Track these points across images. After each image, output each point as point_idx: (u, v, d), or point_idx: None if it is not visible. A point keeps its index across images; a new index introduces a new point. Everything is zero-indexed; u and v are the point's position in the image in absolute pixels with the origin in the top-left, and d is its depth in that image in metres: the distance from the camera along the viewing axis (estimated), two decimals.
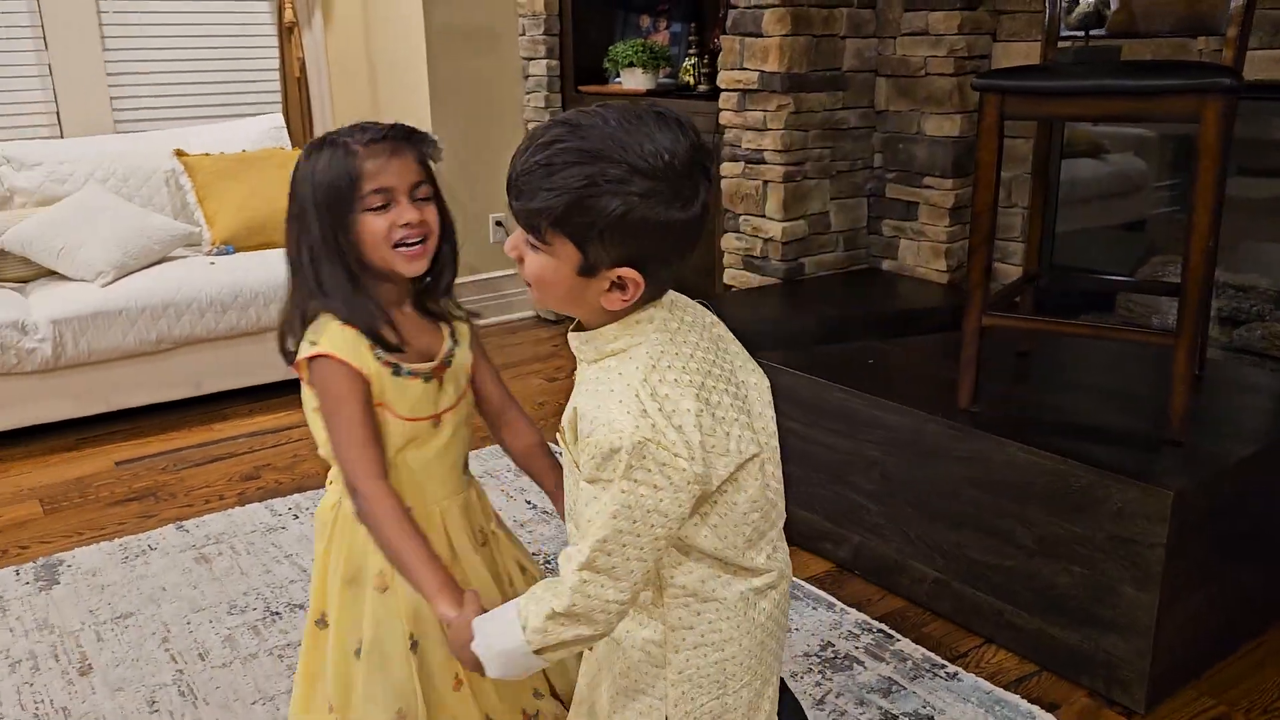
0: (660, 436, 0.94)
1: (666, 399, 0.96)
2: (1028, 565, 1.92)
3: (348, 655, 1.33)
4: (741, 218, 3.16)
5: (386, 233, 1.23)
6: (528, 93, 4.10)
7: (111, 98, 3.87)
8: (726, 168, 3.11)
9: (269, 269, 3.31)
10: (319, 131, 4.27)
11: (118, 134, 3.83)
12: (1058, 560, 1.87)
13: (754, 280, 3.14)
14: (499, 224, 4.20)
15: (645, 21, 3.98)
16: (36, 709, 1.87)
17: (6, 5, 3.64)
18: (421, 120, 3.95)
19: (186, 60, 4.01)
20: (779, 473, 1.09)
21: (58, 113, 3.80)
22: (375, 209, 1.23)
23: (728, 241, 3.23)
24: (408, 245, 1.25)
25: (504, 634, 1.05)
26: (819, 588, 2.21)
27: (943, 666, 1.94)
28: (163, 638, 2.08)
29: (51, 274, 3.29)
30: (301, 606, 2.18)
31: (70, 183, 3.46)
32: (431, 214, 1.28)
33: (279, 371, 3.40)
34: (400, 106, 4.07)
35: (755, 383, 1.09)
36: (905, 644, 2.01)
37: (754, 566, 1.06)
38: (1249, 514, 1.90)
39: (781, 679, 1.23)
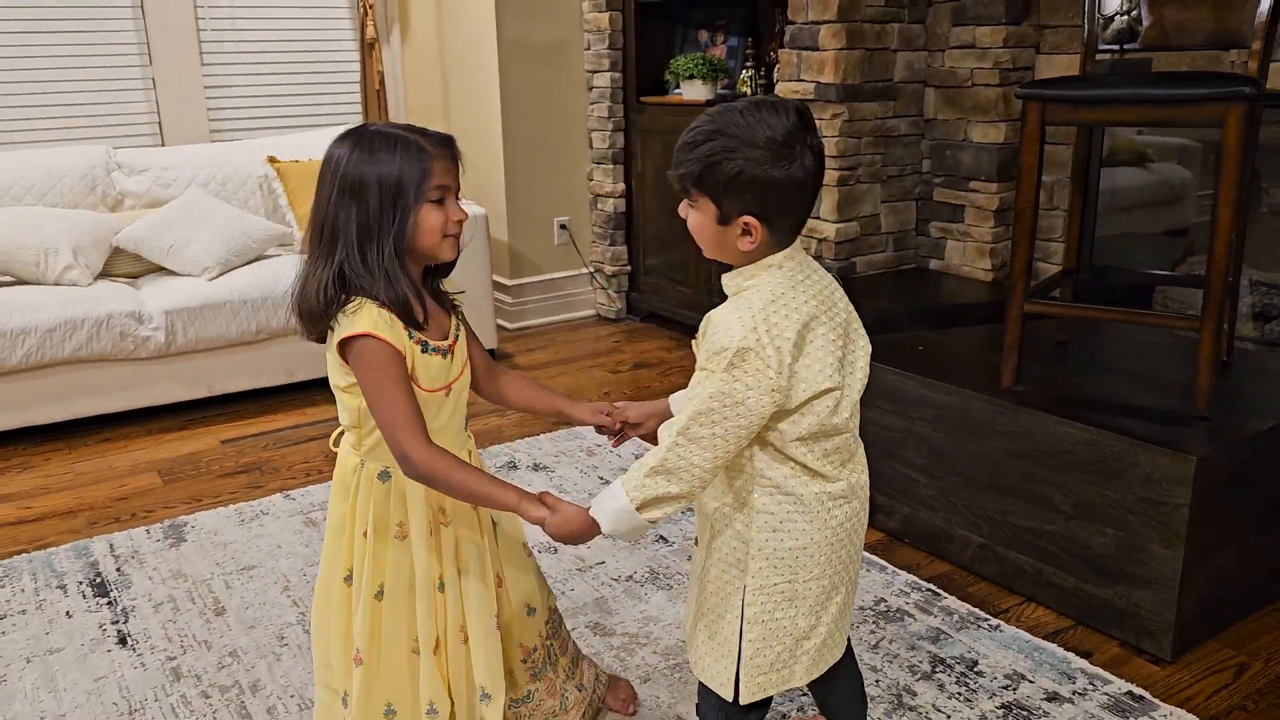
0: (760, 349, 1.22)
1: (773, 325, 1.23)
2: (1066, 529, 2.12)
3: (371, 600, 1.47)
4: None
5: (442, 224, 1.38)
6: (591, 103, 4.35)
7: (208, 109, 4.17)
8: None
9: None
10: None
11: (213, 142, 4.13)
12: (1093, 523, 2.06)
13: None
14: (563, 227, 4.45)
15: (703, 36, 4.21)
16: (182, 641, 2.13)
17: (115, 25, 3.96)
18: (493, 128, 4.21)
19: (276, 74, 4.31)
20: (856, 410, 1.34)
21: (159, 122, 4.11)
22: (435, 202, 1.37)
23: None
24: (453, 236, 1.41)
25: (613, 496, 1.30)
26: (871, 553, 2.42)
27: (986, 620, 2.14)
28: (283, 586, 2.33)
29: (160, 270, 3.59)
30: None
31: (174, 187, 3.76)
32: (465, 213, 1.45)
33: None
34: (472, 116, 4.34)
35: (861, 344, 1.35)
36: (952, 601, 2.21)
37: (829, 474, 1.30)
38: (1271, 483, 2.08)
39: (851, 653, 1.48)
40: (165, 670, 2.03)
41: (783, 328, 1.24)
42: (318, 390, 3.65)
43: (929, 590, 2.26)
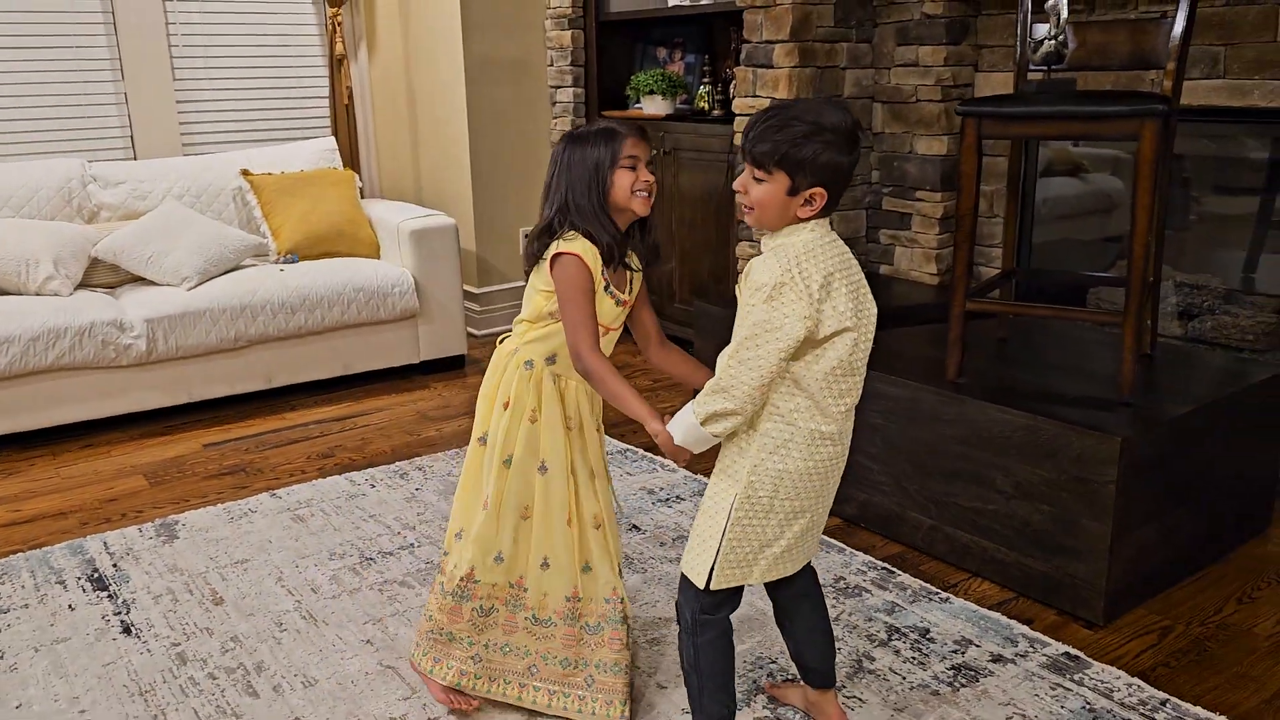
0: (793, 282, 1.48)
1: (803, 269, 1.49)
2: (1006, 507, 2.31)
3: (501, 465, 1.81)
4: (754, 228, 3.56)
5: (632, 183, 1.73)
6: (555, 118, 4.51)
7: (180, 122, 4.27)
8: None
9: (332, 275, 3.71)
10: (364, 153, 4.69)
11: (185, 155, 4.23)
12: (1031, 501, 2.26)
13: None
14: (527, 236, 4.59)
15: (661, 53, 4.39)
16: (184, 629, 2.24)
17: (88, 40, 4.04)
18: (460, 142, 4.35)
19: (247, 89, 4.42)
20: (865, 355, 1.57)
21: (131, 135, 4.19)
22: (627, 168, 1.73)
23: (742, 249, 3.63)
24: (642, 194, 1.74)
25: (684, 414, 1.58)
26: (830, 537, 2.60)
27: (937, 593, 2.32)
28: (277, 578, 2.46)
29: (136, 280, 3.69)
30: (390, 554, 2.55)
31: (150, 199, 3.85)
32: (654, 180, 1.77)
33: (341, 367, 3.79)
34: (439, 131, 4.48)
35: (870, 305, 1.58)
36: (905, 578, 2.40)
37: (829, 412, 1.54)
38: (1190, 464, 2.30)
39: (822, 601, 1.76)
40: (171, 655, 2.14)
41: (810, 272, 1.49)
42: (295, 395, 3.76)
43: (884, 569, 2.44)
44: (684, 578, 1.66)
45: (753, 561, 1.61)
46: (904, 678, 2.02)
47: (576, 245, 1.72)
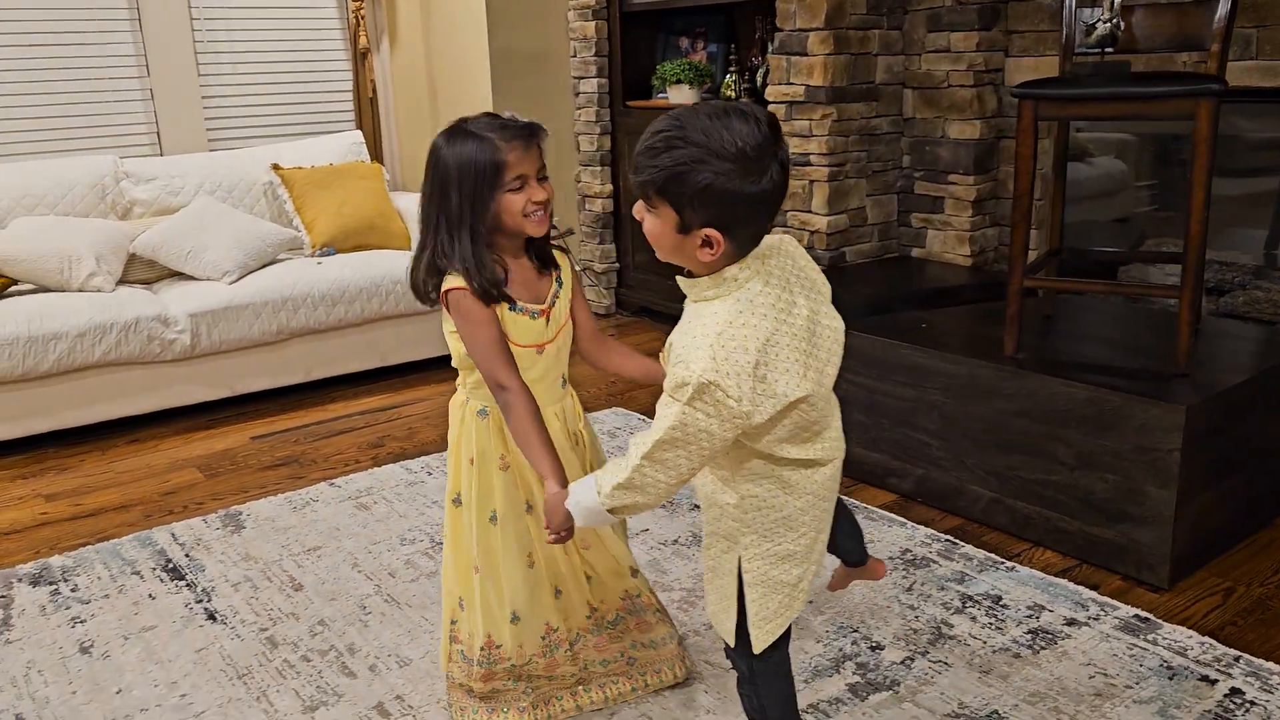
0: (721, 380, 1.25)
1: (731, 353, 1.26)
2: (1069, 478, 2.38)
3: (485, 524, 1.72)
4: (789, 214, 3.62)
5: (523, 206, 1.57)
6: (578, 108, 4.55)
7: (205, 118, 4.27)
8: None
9: (369, 267, 3.73)
10: (388, 145, 4.70)
11: (210, 151, 4.23)
12: (1094, 471, 2.33)
13: None
14: (553, 227, 4.62)
15: (684, 43, 4.44)
16: (269, 614, 2.27)
17: (113, 37, 4.05)
18: None
19: (271, 83, 4.43)
20: (833, 401, 1.43)
21: (158, 132, 4.20)
22: (514, 190, 1.57)
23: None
24: (536, 215, 1.60)
25: (587, 495, 1.44)
26: (889, 512, 2.66)
27: (1002, 562, 2.39)
28: (353, 563, 2.49)
29: (173, 275, 3.70)
30: None
31: (182, 194, 3.86)
32: (550, 189, 1.62)
33: (378, 358, 3.82)
34: None
35: (833, 326, 1.39)
36: (968, 549, 2.46)
37: (804, 459, 1.39)
38: (1245, 429, 2.37)
39: (840, 500, 1.61)
40: (261, 640, 2.18)
41: (738, 357, 1.26)
42: (335, 388, 3.79)
43: (947, 540, 2.50)
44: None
45: (790, 604, 1.47)
46: (984, 642, 2.08)
47: (456, 276, 1.58)
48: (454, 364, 1.71)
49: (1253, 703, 1.87)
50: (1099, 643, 2.06)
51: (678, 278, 1.37)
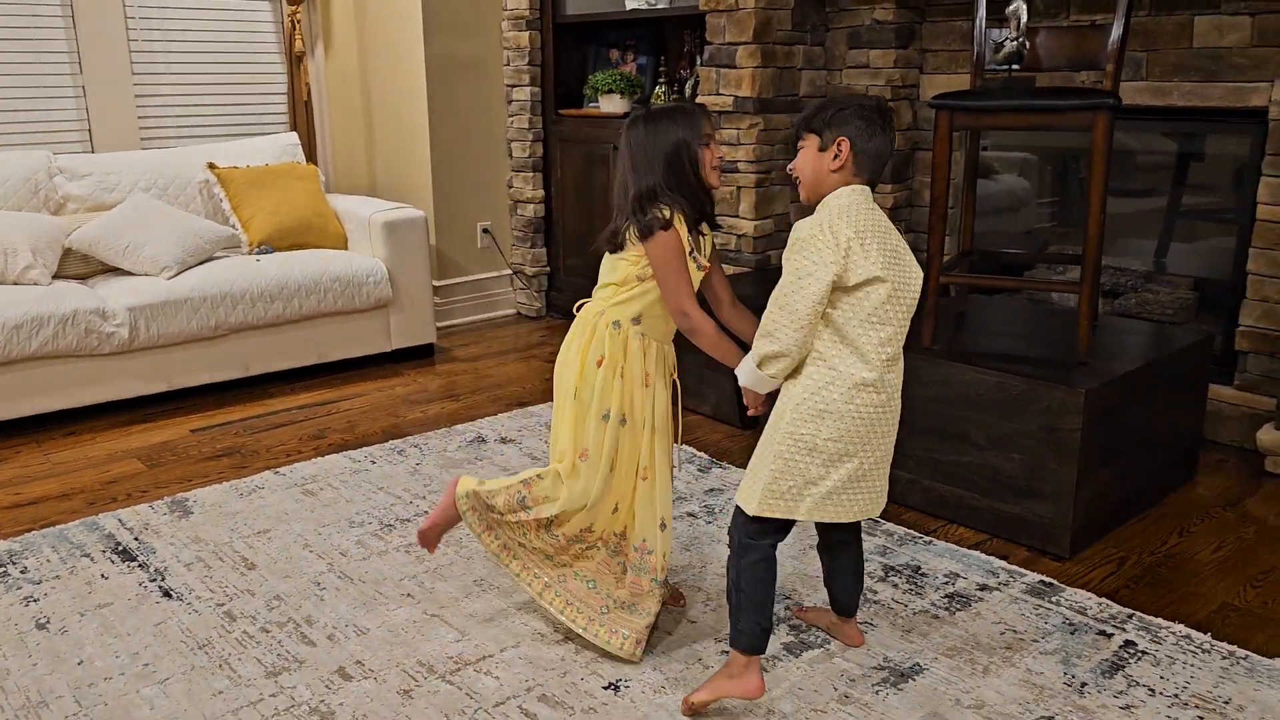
0: (823, 234, 1.70)
1: (834, 225, 1.71)
2: (980, 458, 2.59)
3: (599, 419, 1.96)
4: (718, 218, 3.79)
5: (711, 158, 1.93)
6: (511, 115, 4.67)
7: (139, 117, 4.27)
8: None
9: (307, 265, 3.79)
10: (321, 148, 4.75)
11: (143, 149, 4.23)
12: (1002, 451, 2.54)
13: (728, 270, 3.77)
14: (485, 231, 4.74)
15: (614, 55, 4.60)
16: (224, 591, 2.33)
17: (46, 33, 4.03)
18: (420, 138, 4.47)
19: (205, 84, 4.45)
20: (904, 311, 1.77)
21: (89, 129, 4.19)
22: (706, 145, 1.92)
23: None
24: (718, 169, 1.96)
25: (746, 359, 1.81)
26: None
27: (920, 537, 2.58)
28: (304, 544, 2.56)
29: (108, 270, 3.70)
30: (407, 521, 2.68)
31: (116, 191, 3.87)
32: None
33: (315, 355, 3.88)
34: (399, 128, 4.59)
35: (913, 269, 1.79)
36: (889, 526, 2.65)
37: (868, 358, 1.73)
38: (1137, 414, 2.61)
39: (860, 553, 2.00)
40: (219, 614, 2.24)
41: (840, 227, 1.70)
42: (271, 384, 3.83)
43: (869, 520, 2.68)
44: (737, 505, 1.86)
45: (798, 497, 1.78)
46: (906, 606, 2.26)
47: (671, 217, 1.89)
48: (609, 280, 1.97)
49: (1144, 652, 2.08)
50: (1008, 604, 2.26)
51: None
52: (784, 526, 1.85)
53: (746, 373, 1.81)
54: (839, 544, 2.01)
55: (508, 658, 2.06)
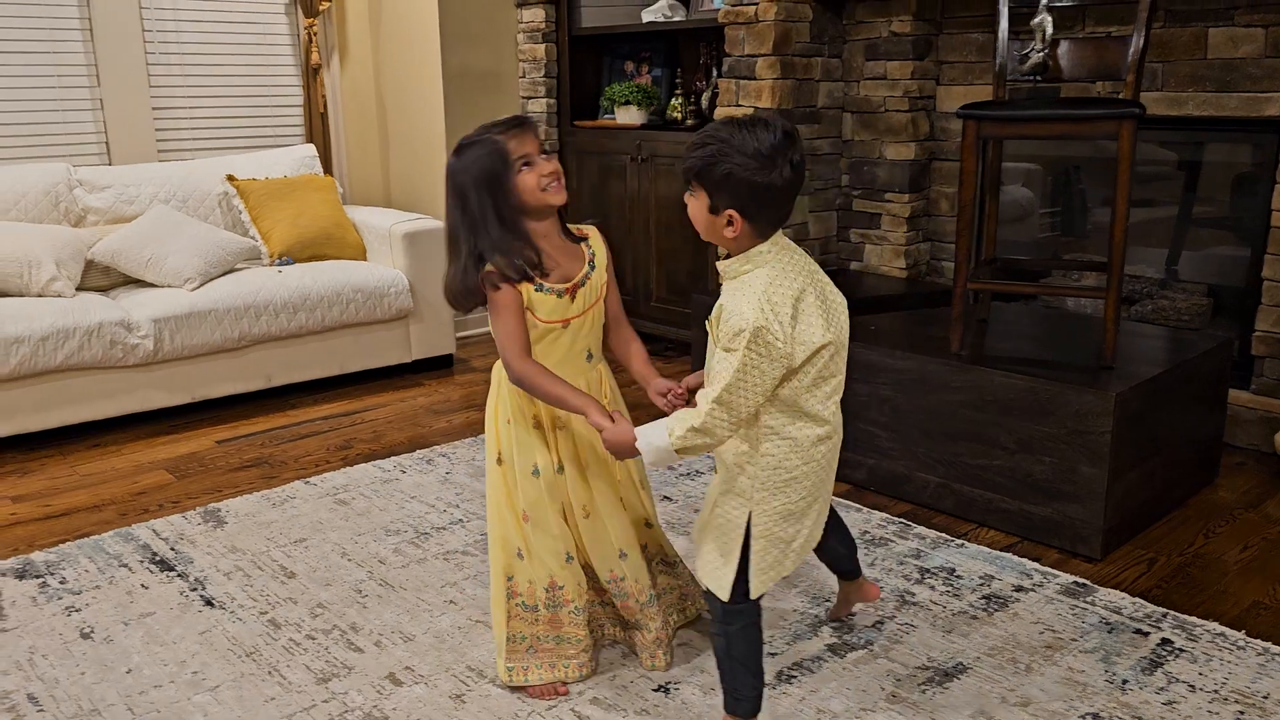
0: (769, 324, 1.54)
1: (775, 306, 1.55)
2: (1010, 462, 2.62)
3: (529, 476, 1.90)
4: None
5: (537, 182, 1.78)
6: None
7: (156, 129, 4.29)
8: None
9: (328, 276, 3.81)
10: (337, 160, 4.78)
11: (160, 161, 4.25)
12: (1032, 454, 2.57)
13: None
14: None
15: (629, 66, 4.64)
16: (266, 600, 2.35)
17: (64, 46, 4.05)
18: (436, 149, 4.50)
19: (222, 96, 4.47)
20: (844, 353, 1.68)
21: (107, 142, 4.20)
22: (524, 170, 1.77)
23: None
24: (553, 185, 1.80)
25: (658, 436, 1.65)
26: (845, 499, 2.86)
27: (952, 540, 2.61)
28: (341, 552, 2.58)
29: (129, 282, 3.72)
30: (444, 529, 2.70)
31: (137, 203, 3.88)
32: (556, 162, 1.83)
33: (338, 366, 3.89)
34: (414, 138, 4.62)
35: (838, 301, 1.69)
36: (920, 529, 2.68)
37: (817, 414, 1.64)
38: (1164, 416, 2.64)
39: (838, 516, 1.94)
40: (263, 622, 2.25)
41: (781, 307, 1.56)
42: (294, 394, 3.84)
43: (901, 523, 2.71)
44: (710, 591, 1.73)
45: (782, 560, 1.71)
46: (944, 607, 2.29)
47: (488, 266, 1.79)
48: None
49: (1181, 650, 2.11)
50: (1044, 605, 2.29)
51: (718, 262, 1.66)
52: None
53: (658, 452, 1.66)
54: (826, 528, 1.89)
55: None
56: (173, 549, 2.60)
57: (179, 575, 2.46)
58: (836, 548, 2.05)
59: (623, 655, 2.10)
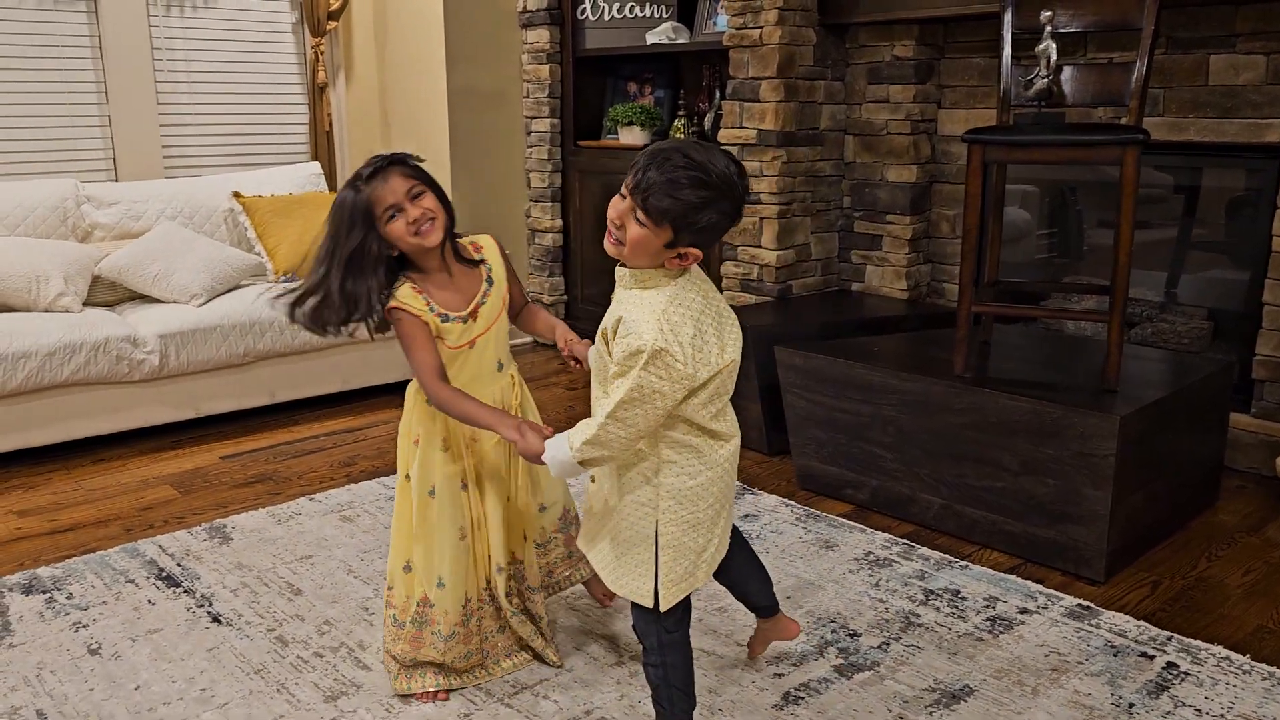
0: (670, 346, 1.51)
1: (676, 328, 1.53)
2: (1014, 484, 2.63)
3: (425, 497, 1.95)
4: (739, 248, 3.86)
5: (405, 229, 1.78)
6: (530, 146, 4.73)
7: (163, 146, 4.32)
8: None
9: None
10: (341, 178, 4.80)
11: (167, 178, 4.27)
12: (1036, 476, 2.58)
13: (750, 300, 3.83)
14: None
15: (632, 87, 4.67)
16: (273, 617, 2.35)
17: (74, 64, 4.08)
18: (441, 167, 4.53)
19: (229, 114, 4.50)
20: (734, 376, 1.66)
21: (114, 158, 4.22)
22: (392, 219, 1.78)
23: (726, 268, 3.92)
24: (425, 228, 1.79)
25: (561, 450, 1.66)
26: (848, 520, 2.87)
27: (956, 561, 2.62)
28: (348, 569, 2.58)
29: (135, 298, 3.73)
30: None
31: (143, 220, 3.90)
32: (429, 201, 1.80)
33: (340, 382, 3.90)
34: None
35: (735, 332, 1.65)
36: (924, 550, 2.69)
37: (718, 428, 1.64)
38: (1167, 439, 2.66)
39: (750, 549, 1.95)
40: (270, 639, 2.25)
41: (682, 329, 1.54)
42: (298, 410, 3.85)
43: (904, 544, 2.73)
44: (636, 607, 1.72)
45: (694, 570, 1.69)
46: (949, 629, 2.30)
47: (399, 295, 1.82)
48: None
49: (1187, 673, 2.12)
50: (1050, 627, 2.30)
51: (618, 269, 1.63)
52: (688, 604, 1.76)
53: (561, 465, 1.67)
54: (731, 562, 1.86)
55: (564, 680, 2.09)
56: (179, 565, 2.61)
57: (186, 591, 2.47)
58: (748, 581, 1.98)
59: (631, 674, 2.10)
